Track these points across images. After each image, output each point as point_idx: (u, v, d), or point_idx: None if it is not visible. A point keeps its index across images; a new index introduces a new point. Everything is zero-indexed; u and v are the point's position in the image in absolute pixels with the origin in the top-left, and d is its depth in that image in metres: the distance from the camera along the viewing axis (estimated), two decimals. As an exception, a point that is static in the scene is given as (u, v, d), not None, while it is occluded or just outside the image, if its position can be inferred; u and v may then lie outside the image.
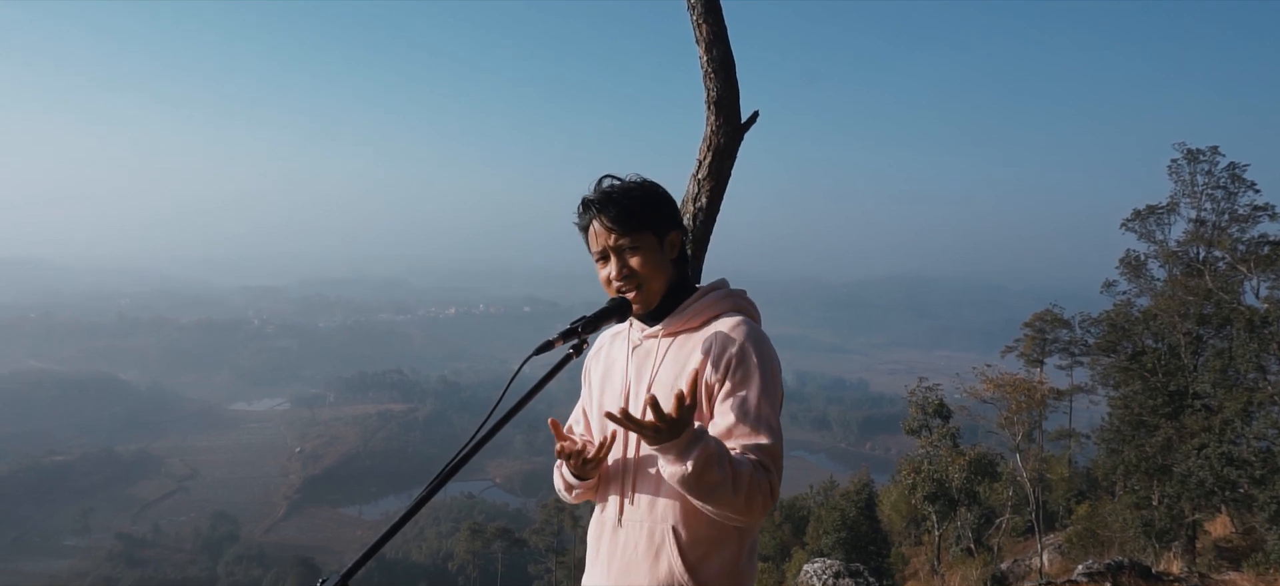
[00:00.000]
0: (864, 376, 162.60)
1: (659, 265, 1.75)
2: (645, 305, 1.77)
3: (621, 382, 1.83)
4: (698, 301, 1.78)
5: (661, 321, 1.79)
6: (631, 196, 1.74)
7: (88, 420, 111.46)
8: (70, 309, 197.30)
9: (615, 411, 1.78)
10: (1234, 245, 17.98)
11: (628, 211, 1.72)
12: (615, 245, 1.73)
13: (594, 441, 1.86)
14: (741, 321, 1.73)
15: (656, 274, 1.75)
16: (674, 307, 1.79)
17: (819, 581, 7.48)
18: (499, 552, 44.77)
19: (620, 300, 1.77)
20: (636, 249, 1.73)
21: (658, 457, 1.68)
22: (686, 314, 1.77)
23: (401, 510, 1.47)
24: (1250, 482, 13.99)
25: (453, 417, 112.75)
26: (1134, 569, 7.93)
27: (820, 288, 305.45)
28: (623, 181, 1.77)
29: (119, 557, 62.68)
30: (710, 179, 3.10)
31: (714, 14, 3.08)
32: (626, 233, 1.72)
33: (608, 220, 1.72)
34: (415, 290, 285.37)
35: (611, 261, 1.75)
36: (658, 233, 1.75)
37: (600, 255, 1.76)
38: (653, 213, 1.75)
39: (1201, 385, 16.63)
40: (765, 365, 1.67)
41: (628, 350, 1.85)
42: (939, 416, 20.31)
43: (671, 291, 1.79)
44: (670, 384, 1.71)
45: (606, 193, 1.75)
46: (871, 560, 21.12)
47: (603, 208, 1.73)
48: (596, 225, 1.75)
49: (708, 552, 1.69)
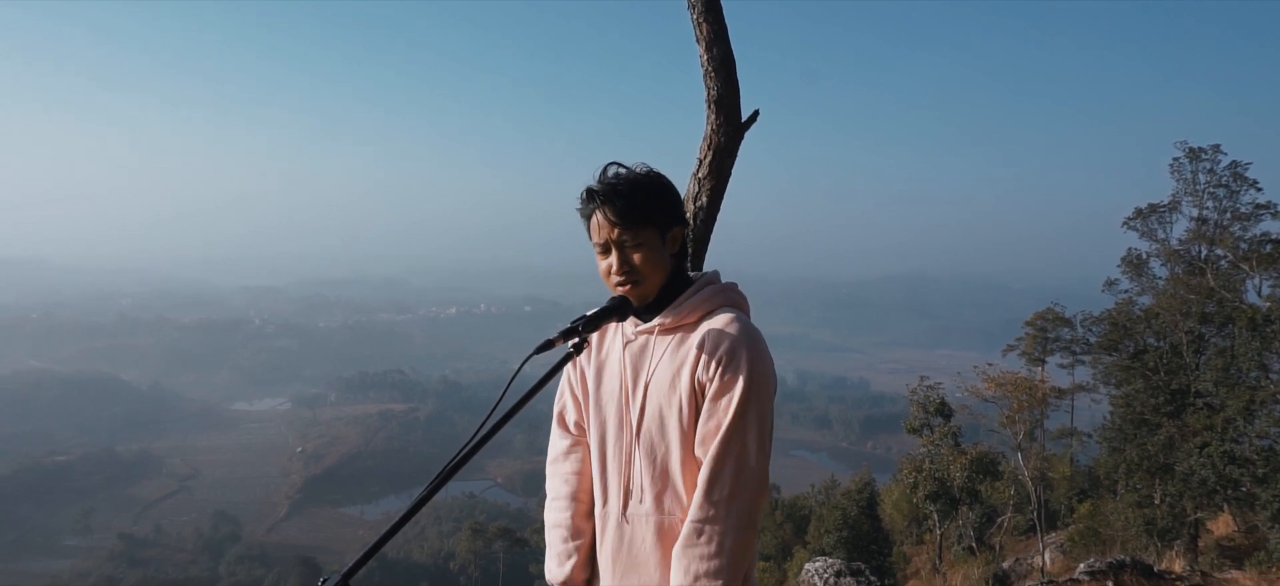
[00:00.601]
0: (865, 375, 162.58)
1: (660, 261, 1.74)
2: (642, 300, 1.77)
3: (618, 382, 1.82)
4: (692, 297, 1.77)
5: (655, 316, 1.78)
6: (637, 190, 1.71)
7: (88, 420, 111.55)
8: (71, 309, 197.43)
9: (612, 410, 1.82)
10: (1236, 243, 17.97)
11: (633, 206, 1.70)
12: (618, 239, 1.71)
13: (592, 432, 1.88)
14: (734, 319, 1.72)
15: (656, 270, 1.74)
16: (668, 302, 1.77)
17: (820, 580, 7.47)
18: (500, 552, 44.82)
19: (621, 299, 1.77)
20: (640, 245, 1.71)
21: (660, 452, 1.71)
22: (681, 310, 1.75)
23: (402, 510, 1.46)
24: (1252, 481, 13.99)
25: (454, 417, 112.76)
26: (1136, 567, 7.92)
27: (821, 287, 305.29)
28: (629, 171, 1.74)
29: (120, 557, 62.73)
30: (711, 178, 3.08)
31: (714, 13, 3.07)
32: (629, 228, 1.70)
33: (611, 214, 1.70)
34: (416, 290, 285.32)
35: (613, 255, 1.73)
36: (660, 228, 1.73)
37: (602, 247, 1.74)
38: (657, 207, 1.73)
39: (1203, 383, 16.63)
40: (754, 367, 1.66)
41: (621, 345, 1.84)
42: (940, 415, 20.29)
43: (670, 285, 1.78)
44: (666, 384, 1.72)
45: (612, 184, 1.72)
46: (873, 559, 21.13)
47: (607, 200, 1.71)
48: (599, 217, 1.72)
49: None
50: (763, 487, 1.68)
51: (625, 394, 1.80)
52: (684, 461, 1.71)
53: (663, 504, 1.73)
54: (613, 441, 1.82)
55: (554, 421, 2.03)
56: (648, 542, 1.73)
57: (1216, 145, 19.19)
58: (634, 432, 1.76)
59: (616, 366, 1.83)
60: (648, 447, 1.74)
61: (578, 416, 1.97)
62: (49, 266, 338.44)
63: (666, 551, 1.71)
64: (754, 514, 1.66)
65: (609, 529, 1.81)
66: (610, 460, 1.82)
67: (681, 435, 1.71)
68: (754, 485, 1.66)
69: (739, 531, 1.63)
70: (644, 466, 1.75)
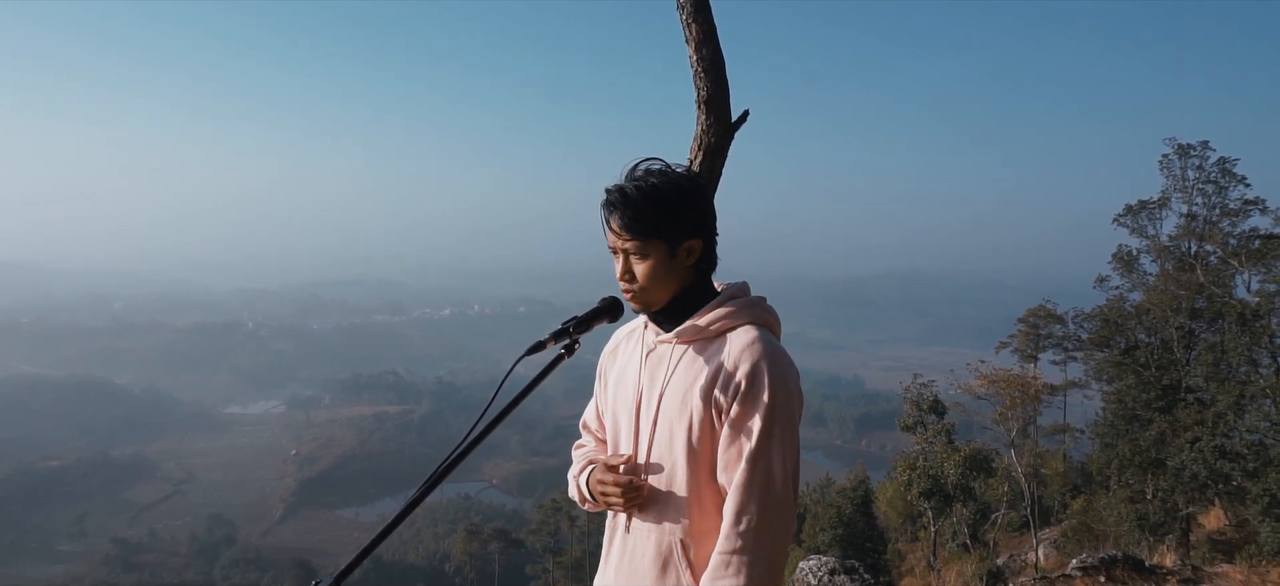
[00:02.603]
0: (860, 373, 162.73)
1: (664, 275, 1.69)
2: (645, 309, 1.75)
3: (634, 390, 1.80)
4: (715, 309, 1.71)
5: (676, 326, 1.74)
6: (649, 201, 1.65)
7: (82, 424, 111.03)
8: (64, 312, 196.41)
9: (624, 420, 1.81)
10: (1225, 239, 18.10)
11: (640, 218, 1.65)
12: (622, 247, 1.69)
13: (607, 438, 1.89)
14: (757, 338, 1.66)
15: (660, 283, 1.69)
16: (690, 312, 1.73)
17: (815, 578, 7.50)
18: (496, 553, 44.74)
19: (612, 300, 1.77)
20: (643, 256, 1.67)
21: (666, 468, 1.71)
22: (702, 321, 1.70)
23: (397, 511, 1.48)
24: (1243, 475, 14.09)
25: (449, 418, 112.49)
26: (1128, 562, 7.96)
27: (816, 284, 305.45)
28: (652, 176, 1.68)
29: (115, 562, 62.55)
30: (701, 178, 3.12)
31: (703, 14, 3.10)
32: (634, 238, 1.66)
33: (615, 223, 1.68)
34: (410, 291, 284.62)
35: (619, 260, 1.73)
36: (671, 241, 1.67)
37: (611, 249, 1.74)
38: (669, 220, 1.66)
39: (1194, 379, 16.72)
40: (777, 389, 1.61)
41: (641, 354, 1.81)
42: (934, 413, 20.34)
43: (687, 295, 1.73)
44: (679, 399, 1.69)
45: (625, 193, 1.67)
46: (868, 556, 21.18)
47: (615, 208, 1.67)
48: (610, 221, 1.70)
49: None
50: (790, 515, 1.63)
51: (638, 404, 1.78)
52: (690, 479, 1.68)
53: (664, 520, 1.71)
54: (622, 451, 1.81)
55: (581, 426, 2.07)
56: (647, 557, 1.72)
57: (1205, 141, 19.38)
58: (645, 445, 1.75)
59: (633, 376, 1.81)
60: (655, 462, 1.73)
61: (599, 423, 1.98)
62: (42, 270, 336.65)
63: (663, 569, 1.69)
64: (783, 543, 1.62)
65: (615, 538, 1.81)
66: (620, 469, 1.81)
67: (689, 452, 1.67)
68: (782, 513, 1.61)
69: (768, 563, 1.59)
70: (653, 480, 1.74)
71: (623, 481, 1.74)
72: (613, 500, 1.76)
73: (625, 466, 1.77)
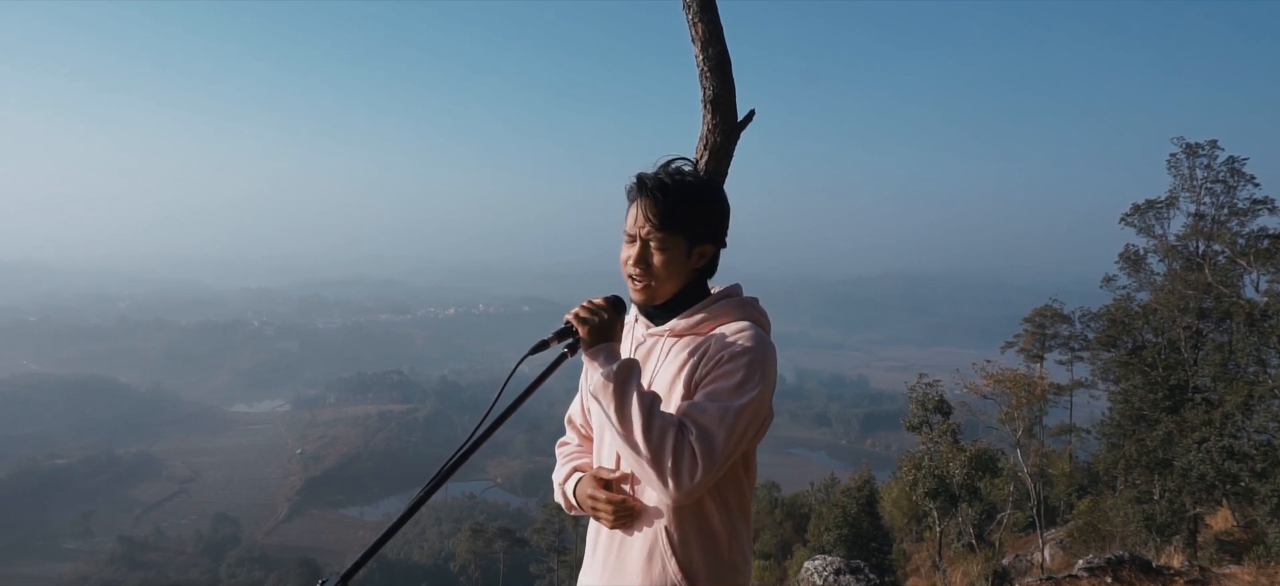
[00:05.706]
0: (864, 373, 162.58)
1: (676, 271, 1.73)
2: (649, 300, 1.76)
3: None
4: (708, 307, 1.75)
5: (668, 321, 1.77)
6: (684, 197, 1.70)
7: (88, 423, 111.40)
8: (70, 312, 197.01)
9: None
10: (1233, 239, 17.98)
11: (673, 210, 1.69)
12: (646, 235, 1.71)
13: (593, 434, 1.89)
14: (744, 327, 1.70)
15: (671, 278, 1.73)
16: (683, 309, 1.76)
17: (820, 578, 7.48)
18: (501, 552, 44.70)
19: (614, 299, 1.77)
20: (663, 248, 1.71)
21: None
22: (694, 317, 1.75)
23: (402, 511, 1.46)
24: (1251, 476, 14.01)
25: (453, 418, 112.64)
26: (1135, 563, 7.92)
27: (820, 285, 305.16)
28: (688, 174, 1.73)
29: (120, 560, 62.71)
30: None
31: (709, 13, 3.07)
32: (660, 229, 1.70)
33: (650, 210, 1.70)
34: (414, 290, 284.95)
35: (635, 247, 1.73)
36: (691, 240, 1.72)
37: (629, 236, 1.75)
38: (695, 220, 1.71)
39: (1202, 379, 16.64)
40: (754, 367, 1.63)
41: (629, 348, 1.84)
42: (939, 412, 20.25)
43: (686, 294, 1.77)
44: (668, 384, 1.71)
45: (662, 182, 1.71)
46: (873, 556, 21.16)
47: (651, 193, 1.70)
48: (638, 207, 1.72)
49: (701, 552, 1.69)
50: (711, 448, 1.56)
51: None
52: None
53: (650, 511, 1.71)
54: (609, 442, 1.81)
55: (566, 422, 2.06)
56: (634, 549, 1.72)
57: (1213, 141, 19.23)
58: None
59: None
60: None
61: (584, 419, 1.99)
62: (47, 269, 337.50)
63: (648, 558, 1.70)
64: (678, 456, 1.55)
65: (601, 533, 1.81)
66: (607, 460, 1.81)
67: None
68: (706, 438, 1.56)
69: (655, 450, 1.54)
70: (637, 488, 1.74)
71: (615, 500, 1.73)
72: (602, 516, 1.76)
73: (614, 482, 1.76)
